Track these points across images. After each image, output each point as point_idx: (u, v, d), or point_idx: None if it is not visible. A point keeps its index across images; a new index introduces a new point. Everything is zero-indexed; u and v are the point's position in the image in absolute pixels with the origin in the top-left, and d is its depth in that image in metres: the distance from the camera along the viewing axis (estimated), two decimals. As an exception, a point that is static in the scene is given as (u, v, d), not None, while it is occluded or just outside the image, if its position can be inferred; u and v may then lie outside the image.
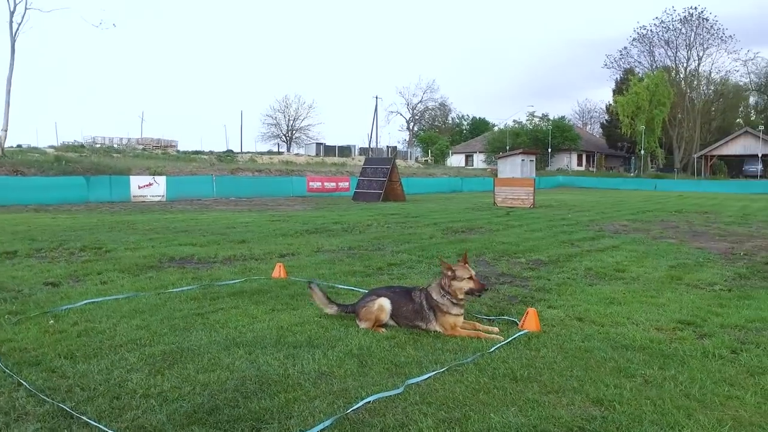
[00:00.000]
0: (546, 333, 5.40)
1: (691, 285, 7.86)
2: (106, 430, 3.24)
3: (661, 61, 69.92)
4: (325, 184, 31.71)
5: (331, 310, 5.65)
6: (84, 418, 3.39)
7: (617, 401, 3.82)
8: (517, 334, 5.26)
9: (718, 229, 16.07)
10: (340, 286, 7.28)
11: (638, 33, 70.40)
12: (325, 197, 29.66)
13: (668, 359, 4.70)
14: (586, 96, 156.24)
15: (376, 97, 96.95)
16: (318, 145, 64.59)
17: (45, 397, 3.66)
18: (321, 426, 3.33)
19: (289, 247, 10.77)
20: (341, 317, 5.67)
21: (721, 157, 61.45)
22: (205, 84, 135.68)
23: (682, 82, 69.37)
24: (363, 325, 5.42)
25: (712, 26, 66.11)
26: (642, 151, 61.95)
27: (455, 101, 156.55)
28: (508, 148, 61.12)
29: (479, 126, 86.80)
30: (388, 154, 70.24)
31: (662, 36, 69.31)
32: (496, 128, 76.44)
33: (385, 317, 5.42)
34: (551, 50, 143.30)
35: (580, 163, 72.46)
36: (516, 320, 5.76)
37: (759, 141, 57.40)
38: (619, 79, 70.96)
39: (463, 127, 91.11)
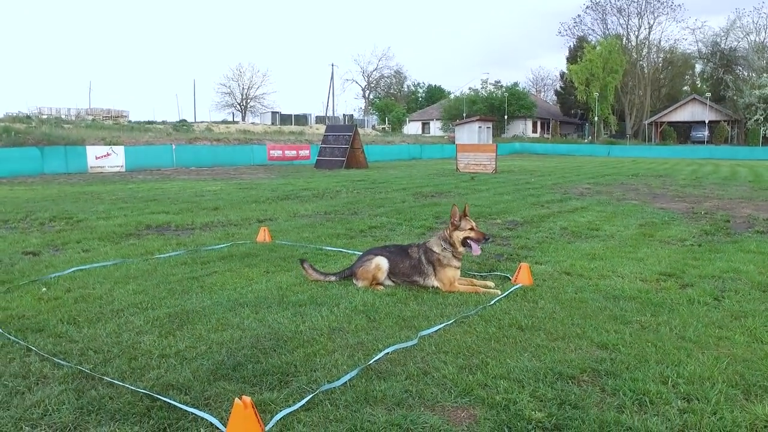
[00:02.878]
0: (539, 286, 5.58)
1: (663, 241, 8.19)
2: (134, 388, 3.23)
3: (613, 29, 71.06)
4: (286, 152, 31.33)
5: (329, 279, 5.66)
6: (107, 378, 3.37)
7: (621, 345, 4.01)
8: (513, 288, 5.42)
9: (675, 191, 16.67)
10: (328, 248, 7.31)
11: (592, 1, 71.21)
12: (286, 165, 29.35)
13: (658, 307, 4.93)
14: (540, 64, 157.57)
15: (332, 65, 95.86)
16: (273, 113, 63.53)
17: (60, 361, 3.62)
18: (348, 376, 3.40)
19: (265, 212, 10.69)
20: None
21: (671, 124, 63.22)
22: (155, 52, 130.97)
23: (634, 51, 70.78)
24: (360, 283, 5.48)
25: (663, -6, 67.41)
26: (596, 118, 63.21)
27: (410, 69, 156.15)
28: (464, 115, 61.40)
29: (435, 94, 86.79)
30: (344, 122, 69.72)
31: (615, 4, 70.40)
32: (452, 96, 76.58)
33: (382, 276, 5.49)
34: (506, 18, 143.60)
35: (535, 130, 73.45)
36: (508, 275, 5.92)
37: (705, 108, 59.25)
38: (572, 46, 71.80)
39: (419, 95, 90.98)
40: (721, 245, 7.88)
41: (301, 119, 62.64)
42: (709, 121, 59.23)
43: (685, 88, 72.70)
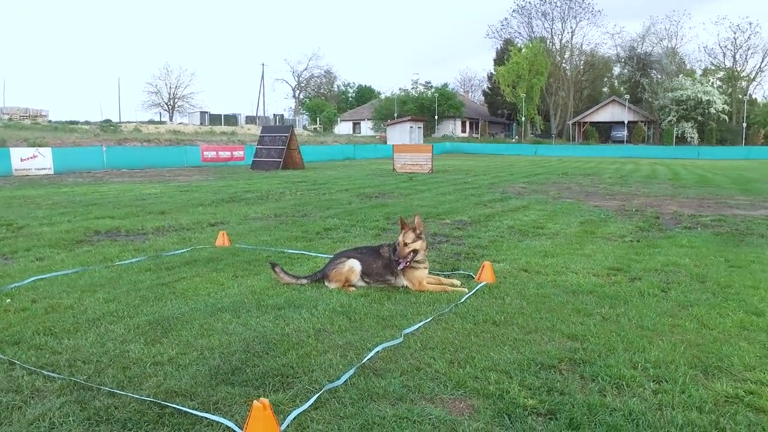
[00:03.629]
0: (502, 283, 5.87)
1: (604, 238, 8.72)
2: (138, 397, 3.25)
3: (538, 32, 73.81)
4: (220, 153, 30.75)
5: (301, 282, 5.74)
6: (105, 388, 3.37)
7: (589, 335, 4.34)
8: (478, 286, 5.69)
9: (604, 189, 17.60)
10: (291, 251, 7.38)
11: (518, 5, 73.78)
12: (220, 167, 28.84)
13: (614, 300, 5.32)
14: (468, 64, 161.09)
15: (263, 65, 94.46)
16: (202, 113, 62.02)
17: (50, 373, 3.57)
18: (347, 375, 3.54)
19: (214, 216, 10.59)
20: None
21: (593, 124, 66.25)
22: (75, 49, 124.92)
23: (557, 53, 73.68)
24: (333, 285, 5.61)
25: (584, 0, 70.58)
26: (522, 118, 65.37)
27: (340, 69, 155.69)
28: (396, 115, 62.11)
29: (365, 94, 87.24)
30: (275, 122, 68.99)
31: (540, 8, 73.08)
32: (382, 96, 77.27)
33: (355, 278, 5.64)
34: (435, 19, 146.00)
35: (464, 130, 75.16)
36: (472, 274, 6.20)
37: (624, 109, 62.51)
38: (499, 48, 74.03)
39: (349, 95, 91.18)
40: (657, 240, 8.48)
41: (231, 119, 61.49)
42: (628, 122, 62.45)
43: (605, 89, 76.25)
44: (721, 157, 47.99)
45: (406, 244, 5.57)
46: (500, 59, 70.42)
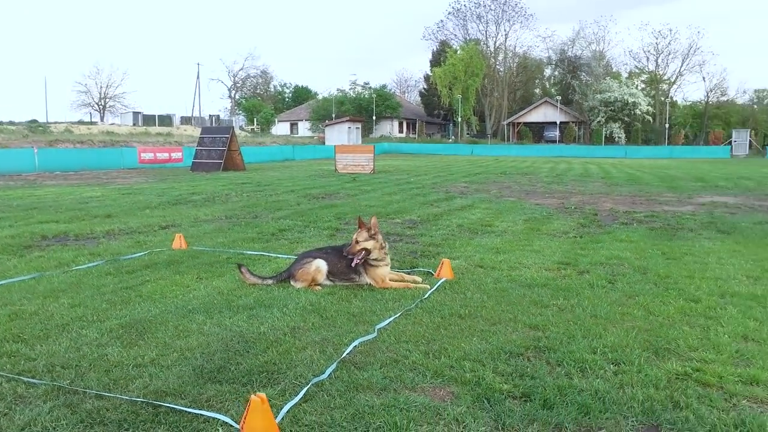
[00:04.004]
0: (461, 279, 6.14)
1: (549, 234, 9.17)
2: (129, 398, 3.29)
3: (473, 34, 75.44)
4: (158, 155, 29.98)
5: (267, 282, 5.83)
6: (92, 391, 3.39)
7: (549, 325, 4.64)
8: (439, 282, 5.93)
9: (542, 188, 18.31)
10: (250, 252, 7.43)
11: (453, 7, 75.14)
12: (158, 168, 28.14)
13: (567, 292, 5.67)
14: (404, 65, 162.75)
15: (198, 64, 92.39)
16: (135, 114, 60.08)
17: (31, 379, 3.55)
18: (331, 368, 3.69)
19: (164, 218, 10.44)
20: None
21: (526, 124, 68.30)
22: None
23: (492, 56, 75.52)
24: (299, 285, 5.73)
25: (516, 4, 72.78)
26: (459, 119, 66.67)
27: (277, 69, 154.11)
28: (334, 116, 62.13)
29: (302, 94, 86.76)
30: (211, 123, 67.68)
31: (474, 11, 74.68)
32: (320, 96, 77.08)
33: (321, 277, 5.78)
34: (371, 20, 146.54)
35: (401, 130, 75.97)
36: (431, 271, 6.44)
37: (556, 110, 64.76)
38: (435, 50, 75.23)
39: (286, 96, 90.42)
40: (598, 236, 8.98)
41: (166, 120, 59.90)
42: (560, 122, 64.69)
43: (537, 91, 78.69)
44: (646, 156, 50.47)
45: (357, 242, 5.77)
46: (436, 61, 71.57)
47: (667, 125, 61.93)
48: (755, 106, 66.22)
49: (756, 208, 13.05)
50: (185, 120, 64.97)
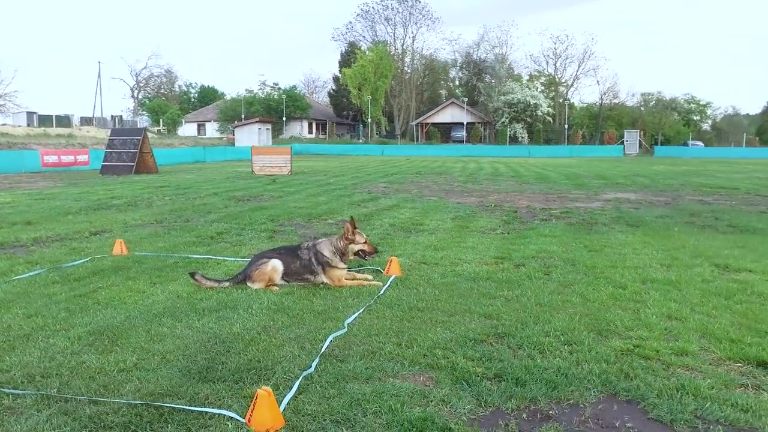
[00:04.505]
0: (409, 276, 6.48)
1: (478, 231, 9.71)
2: (128, 401, 3.36)
3: (382, 36, 76.55)
4: (62, 157, 28.32)
5: (223, 285, 5.90)
6: (85, 398, 3.42)
7: (501, 314, 5.07)
8: (390, 279, 6.24)
9: (459, 187, 19.07)
10: (195, 256, 7.42)
11: (362, 9, 75.87)
12: (65, 172, 26.66)
13: (509, 284, 6.14)
14: (311, 66, 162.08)
15: (99, 63, 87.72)
16: (30, 114, 56.20)
17: (13, 390, 3.51)
18: (315, 362, 3.91)
19: (92, 224, 10.10)
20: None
21: (434, 125, 70.11)
22: None
23: (400, 57, 76.92)
24: (256, 285, 5.86)
25: (423, 8, 74.50)
26: (369, 120, 67.44)
27: (182, 69, 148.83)
28: (243, 117, 61.12)
29: (208, 94, 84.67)
30: (114, 124, 64.64)
31: (383, 13, 75.74)
32: (228, 97, 75.53)
33: (278, 277, 5.94)
34: (277, 21, 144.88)
35: (311, 131, 75.91)
36: (380, 269, 6.74)
37: (463, 111, 66.94)
38: (344, 51, 75.67)
39: (192, 96, 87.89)
40: (524, 232, 9.62)
41: (64, 120, 56.46)
42: (467, 123, 66.89)
43: (444, 92, 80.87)
44: (548, 155, 53.24)
45: (366, 243, 6.27)
46: (345, 62, 72.05)
47: (566, 126, 65.55)
48: (642, 109, 71.31)
49: (654, 203, 14.32)
50: (85, 121, 61.56)
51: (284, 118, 65.91)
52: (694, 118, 71.44)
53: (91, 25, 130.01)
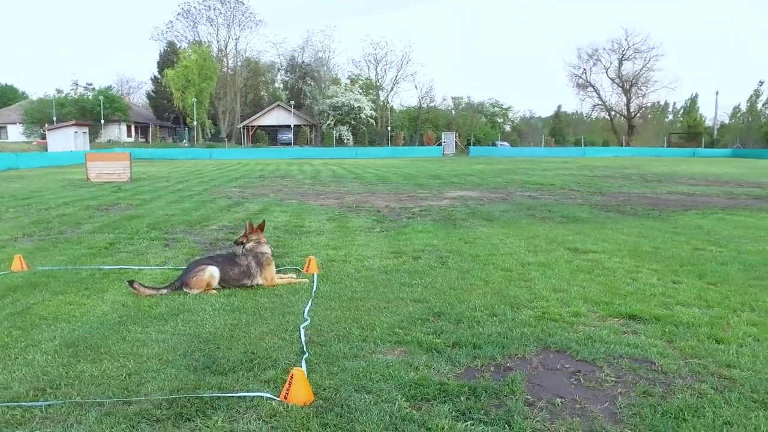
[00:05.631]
0: (327, 272, 7.16)
1: (360, 230, 10.60)
2: (164, 396, 3.69)
3: (205, 37, 74.16)
4: None
5: (162, 292, 6.12)
6: (117, 399, 3.69)
7: (428, 297, 5.99)
8: (315, 276, 6.89)
9: (311, 189, 19.83)
10: (107, 267, 7.38)
11: (183, 9, 72.82)
12: None
13: (417, 273, 7.07)
14: (124, 66, 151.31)
15: None
16: None
17: (38, 403, 3.60)
18: (305, 348, 4.51)
19: (-53, 244, 9.28)
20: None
21: (261, 127, 69.73)
22: None
23: (224, 59, 75.22)
24: (194, 291, 6.17)
25: (246, 9, 73.58)
26: (194, 122, 65.20)
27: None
28: (55, 119, 55.87)
29: (7, 94, 75.84)
30: None
31: (205, 14, 73.40)
32: (34, 97, 68.34)
33: (215, 282, 6.31)
34: (90, 17, 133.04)
35: (129, 134, 71.50)
36: (299, 268, 7.34)
37: (290, 114, 67.46)
38: (163, 51, 72.22)
39: (-20, 95, 78.07)
40: (400, 229, 10.69)
41: None
42: (294, 125, 67.53)
43: (268, 95, 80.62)
44: (374, 156, 55.82)
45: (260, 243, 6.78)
46: (165, 62, 68.84)
47: (389, 128, 69.03)
48: (453, 112, 77.49)
49: (494, 200, 16.31)
50: None
51: (102, 121, 61.30)
52: (498, 120, 79.24)
53: None
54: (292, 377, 3.68)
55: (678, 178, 25.61)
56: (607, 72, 77.51)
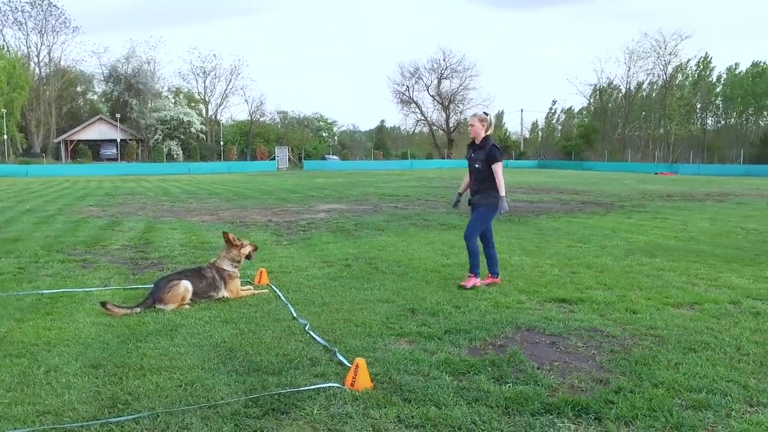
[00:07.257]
0: (280, 283, 7.59)
1: (268, 243, 10.94)
2: (244, 398, 4.06)
3: (13, 43, 66.67)
4: None
5: (136, 311, 6.16)
6: (191, 407, 3.98)
7: (392, 297, 6.73)
8: (273, 286, 7.30)
9: (177, 206, 19.26)
10: (48, 291, 7.08)
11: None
12: None
13: (362, 279, 7.74)
14: None
15: None
16: None
17: (119, 418, 3.75)
18: (326, 344, 5.07)
19: None
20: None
21: (82, 142, 64.31)
22: None
23: (37, 67, 68.31)
24: (170, 307, 6.31)
25: (61, 14, 67.45)
26: (5, 136, 58.32)
27: None
28: None
29: None
30: None
31: (12, 16, 66.04)
32: None
33: (189, 296, 6.51)
34: None
35: None
36: (249, 280, 7.68)
37: (115, 128, 63.11)
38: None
39: None
40: (306, 241, 11.22)
41: None
42: (121, 140, 63.32)
43: (88, 107, 74.59)
44: (209, 171, 54.34)
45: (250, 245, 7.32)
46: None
47: (221, 142, 67.49)
48: (280, 127, 77.72)
49: (367, 211, 17.25)
50: None
51: None
52: (324, 134, 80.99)
53: None
54: (357, 366, 4.26)
55: (509, 187, 28.74)
56: (428, 89, 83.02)
